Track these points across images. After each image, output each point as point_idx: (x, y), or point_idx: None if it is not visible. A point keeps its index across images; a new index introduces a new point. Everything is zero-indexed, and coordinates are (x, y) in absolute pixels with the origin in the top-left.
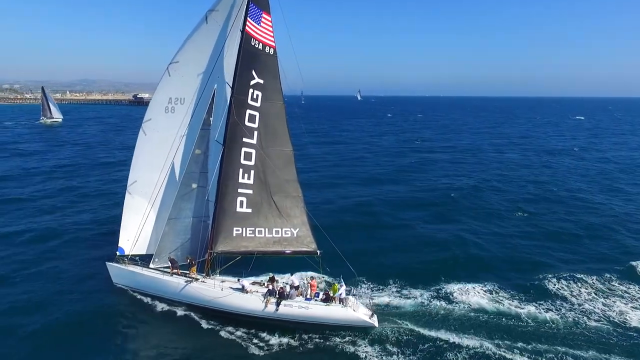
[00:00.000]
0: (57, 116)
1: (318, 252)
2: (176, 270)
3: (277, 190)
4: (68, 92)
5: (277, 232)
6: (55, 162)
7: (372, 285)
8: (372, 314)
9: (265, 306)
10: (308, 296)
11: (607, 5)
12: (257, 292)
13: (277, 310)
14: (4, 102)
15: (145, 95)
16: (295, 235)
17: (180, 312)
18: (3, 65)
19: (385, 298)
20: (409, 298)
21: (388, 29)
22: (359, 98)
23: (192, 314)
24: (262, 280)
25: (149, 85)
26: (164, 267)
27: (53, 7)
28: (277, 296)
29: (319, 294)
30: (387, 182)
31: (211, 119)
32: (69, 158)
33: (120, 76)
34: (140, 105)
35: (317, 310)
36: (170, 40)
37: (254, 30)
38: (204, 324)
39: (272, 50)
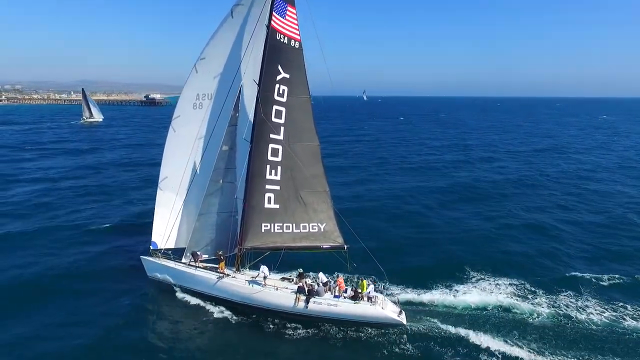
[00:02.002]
0: (97, 117)
1: (345, 246)
2: (197, 263)
3: (303, 186)
4: (72, 93)
5: (304, 227)
6: (115, 158)
7: (401, 282)
8: (401, 312)
9: (296, 303)
10: (336, 293)
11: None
12: (286, 288)
13: (306, 307)
14: (14, 102)
15: (157, 96)
16: (322, 230)
17: (209, 305)
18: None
19: (414, 295)
20: (439, 296)
21: (391, 30)
22: (365, 98)
23: (222, 307)
24: (290, 276)
25: (155, 86)
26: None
27: (53, 7)
28: (306, 293)
29: (347, 289)
30: (432, 179)
31: (238, 115)
32: (128, 156)
33: (121, 77)
34: (153, 105)
35: (346, 307)
36: (172, 40)
37: (279, 24)
38: (234, 318)
39: (297, 44)
